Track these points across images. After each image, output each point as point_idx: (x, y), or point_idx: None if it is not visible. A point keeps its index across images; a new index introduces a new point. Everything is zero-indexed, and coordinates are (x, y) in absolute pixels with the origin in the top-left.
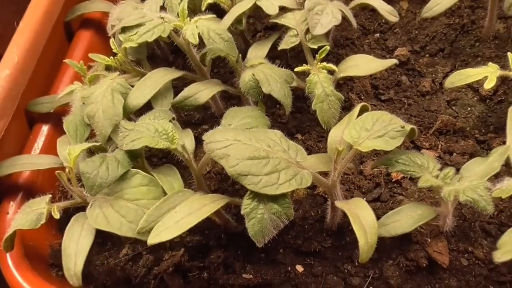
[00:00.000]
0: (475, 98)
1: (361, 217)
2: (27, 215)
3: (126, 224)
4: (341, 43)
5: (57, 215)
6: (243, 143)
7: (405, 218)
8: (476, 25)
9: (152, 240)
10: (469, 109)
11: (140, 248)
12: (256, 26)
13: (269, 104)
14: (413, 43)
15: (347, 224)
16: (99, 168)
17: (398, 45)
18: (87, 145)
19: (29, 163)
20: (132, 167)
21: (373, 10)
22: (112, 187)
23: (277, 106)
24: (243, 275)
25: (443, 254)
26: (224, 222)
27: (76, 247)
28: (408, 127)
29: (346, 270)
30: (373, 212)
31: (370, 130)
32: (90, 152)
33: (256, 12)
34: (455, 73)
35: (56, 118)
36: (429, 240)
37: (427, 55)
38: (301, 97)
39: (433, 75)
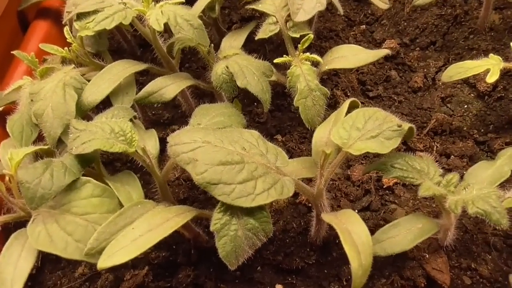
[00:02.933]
0: (472, 95)
1: (353, 234)
2: None
3: (73, 243)
4: (325, 35)
5: None
6: (214, 146)
7: (404, 233)
8: (470, 16)
9: (103, 263)
10: (465, 106)
11: None
12: (232, 17)
13: (246, 101)
14: (402, 35)
15: (333, 237)
16: (42, 176)
17: (386, 38)
18: (32, 148)
19: None
20: (86, 174)
21: (358, 0)
22: (58, 198)
23: (255, 104)
24: None
25: (443, 272)
26: (194, 236)
27: (13, 271)
28: (406, 126)
29: None
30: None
31: (362, 129)
32: (38, 157)
33: (232, 2)
34: (453, 66)
35: (3, 119)
36: (427, 256)
37: (418, 49)
38: (281, 93)
39: (425, 70)
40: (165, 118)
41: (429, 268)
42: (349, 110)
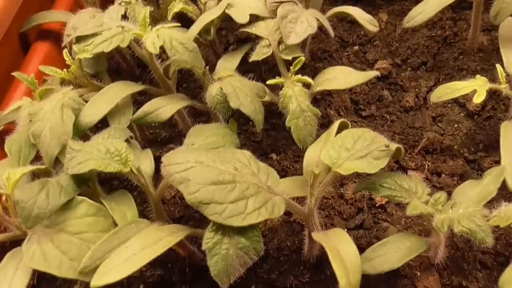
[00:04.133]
0: (462, 114)
1: (342, 252)
2: None
3: (67, 262)
4: (318, 56)
5: None
6: (206, 166)
7: (392, 252)
8: (459, 37)
9: (96, 282)
10: (456, 125)
11: None
12: (228, 39)
13: (241, 120)
14: (394, 56)
15: (326, 255)
16: (37, 196)
17: (379, 58)
18: (29, 168)
19: None
20: (82, 193)
21: (351, 21)
22: (54, 217)
23: (250, 123)
24: None
25: None
26: (189, 254)
27: None
28: (394, 146)
29: None
30: (356, 244)
31: (351, 149)
32: (35, 177)
33: (228, 24)
34: (441, 87)
35: (2, 139)
36: (419, 274)
37: (409, 69)
38: (275, 113)
39: (417, 90)
40: (163, 137)
41: (420, 286)
42: (339, 130)
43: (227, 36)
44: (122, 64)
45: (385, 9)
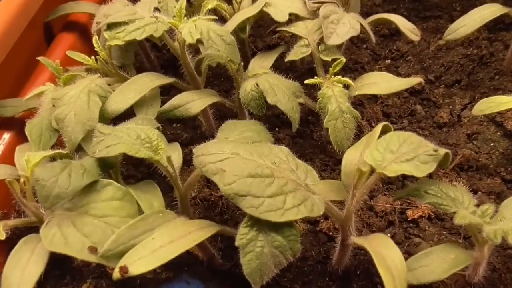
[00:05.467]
0: (499, 133)
1: (387, 258)
2: None
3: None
4: (350, 67)
5: (2, 235)
6: (243, 158)
7: (437, 263)
8: (495, 57)
9: (119, 274)
10: (492, 144)
11: (104, 284)
12: (257, 44)
13: (267, 126)
14: (427, 72)
15: (354, 267)
16: (59, 175)
17: (411, 73)
18: (49, 152)
19: None
20: None
21: (384, 35)
22: (76, 201)
23: (276, 129)
24: None
25: None
26: (209, 257)
27: (21, 276)
28: (442, 151)
29: None
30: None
31: (396, 152)
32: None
33: (257, 30)
34: (484, 100)
35: (20, 125)
36: None
37: (443, 86)
38: (303, 120)
39: (451, 107)
40: (184, 138)
41: None
42: (381, 135)
43: (255, 42)
44: (145, 63)
45: (419, 25)
